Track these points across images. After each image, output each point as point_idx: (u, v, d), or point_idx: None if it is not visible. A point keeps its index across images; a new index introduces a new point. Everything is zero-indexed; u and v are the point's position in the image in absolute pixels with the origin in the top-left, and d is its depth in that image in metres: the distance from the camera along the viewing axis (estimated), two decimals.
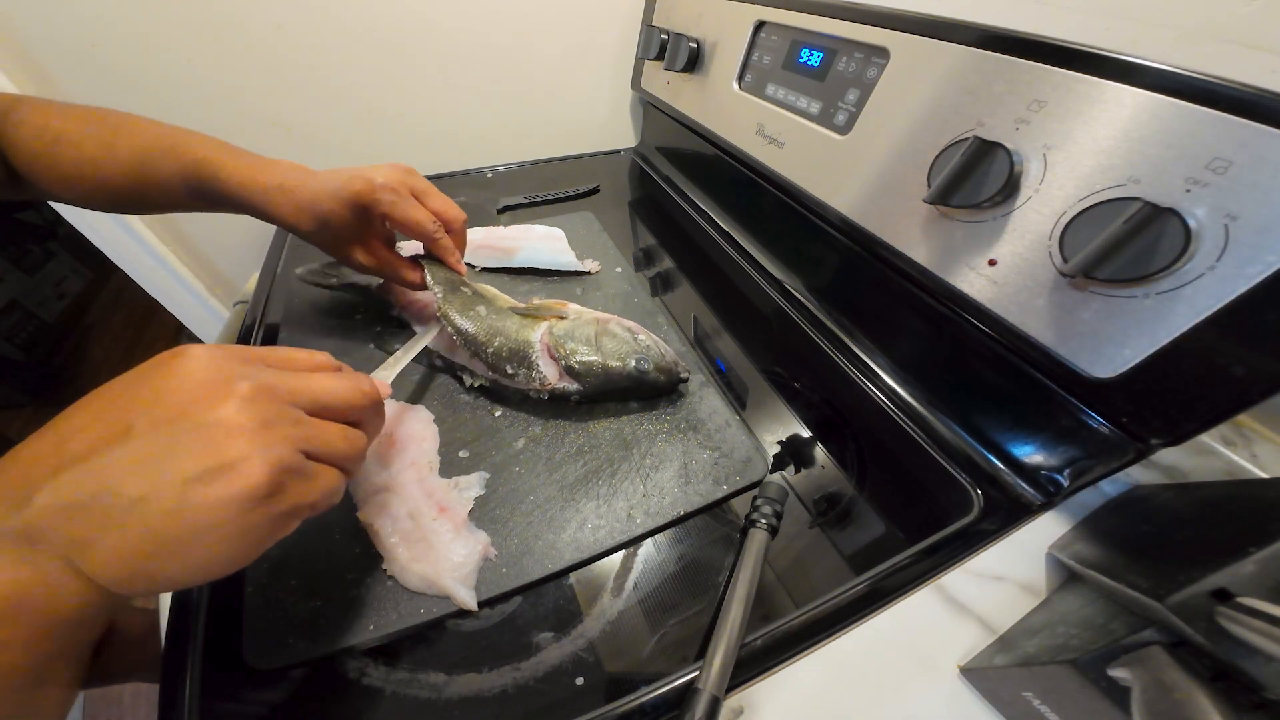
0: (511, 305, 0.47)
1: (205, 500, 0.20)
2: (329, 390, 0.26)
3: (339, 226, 0.43)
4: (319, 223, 0.43)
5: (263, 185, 0.42)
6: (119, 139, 0.42)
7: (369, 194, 0.42)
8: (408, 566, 0.33)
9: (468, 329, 0.43)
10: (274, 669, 0.30)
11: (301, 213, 0.42)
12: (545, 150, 0.91)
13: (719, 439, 0.41)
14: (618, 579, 0.35)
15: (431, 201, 0.45)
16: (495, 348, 0.43)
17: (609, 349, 0.42)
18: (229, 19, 0.66)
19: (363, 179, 0.42)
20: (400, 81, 0.78)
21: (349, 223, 0.43)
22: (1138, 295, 0.29)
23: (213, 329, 0.93)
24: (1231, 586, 0.23)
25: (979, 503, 0.37)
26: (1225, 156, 0.25)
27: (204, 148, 0.42)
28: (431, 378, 0.47)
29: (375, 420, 0.30)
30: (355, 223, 0.43)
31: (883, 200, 0.43)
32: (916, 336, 0.45)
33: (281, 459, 0.22)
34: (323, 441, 0.25)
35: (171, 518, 0.20)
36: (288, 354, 0.27)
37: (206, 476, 0.20)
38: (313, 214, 0.42)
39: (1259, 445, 0.38)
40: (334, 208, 0.42)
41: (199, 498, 0.20)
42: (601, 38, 0.85)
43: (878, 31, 0.42)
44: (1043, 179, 0.32)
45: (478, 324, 0.44)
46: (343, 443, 0.26)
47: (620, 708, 0.29)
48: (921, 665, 0.31)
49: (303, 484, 0.23)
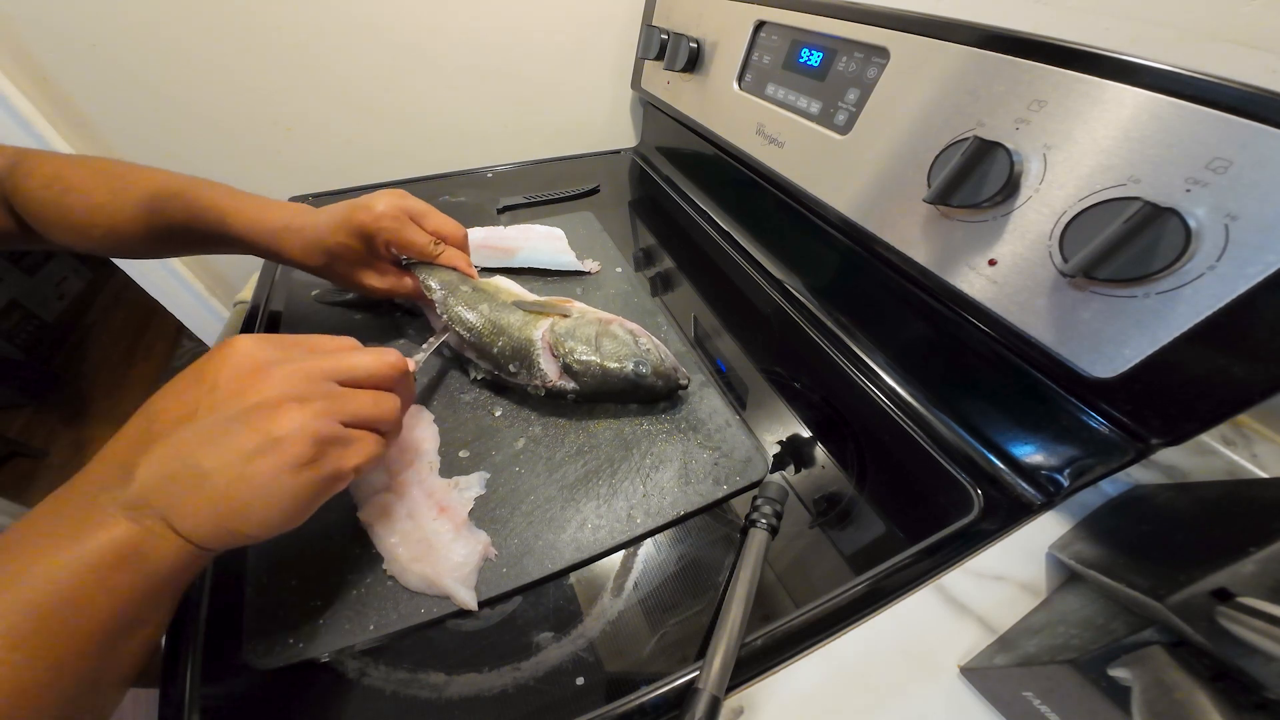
0: (517, 298, 0.47)
1: (261, 470, 0.24)
2: (357, 363, 0.30)
3: (348, 257, 0.46)
4: (329, 257, 0.45)
5: (270, 227, 0.44)
6: (127, 187, 0.43)
7: (372, 224, 0.44)
8: (408, 566, 0.33)
9: (472, 331, 0.44)
10: (274, 669, 0.30)
11: (310, 250, 0.45)
12: (545, 150, 0.91)
13: (719, 439, 0.41)
14: (618, 579, 0.35)
15: (429, 222, 0.47)
16: (499, 347, 0.43)
17: (608, 350, 0.42)
18: (229, 19, 0.66)
19: (364, 209, 0.44)
20: (401, 81, 0.78)
21: (357, 253, 0.46)
22: (1138, 295, 0.29)
23: (213, 329, 0.93)
24: (1232, 586, 0.23)
25: (979, 502, 0.37)
26: (1225, 156, 0.25)
27: (210, 193, 0.44)
28: (433, 377, 0.47)
29: (405, 387, 0.34)
30: (363, 252, 0.46)
31: (883, 200, 0.43)
32: (916, 336, 0.45)
33: (320, 430, 0.26)
34: (356, 408, 0.29)
35: (236, 485, 0.24)
36: (317, 339, 0.31)
37: (260, 450, 0.24)
38: (321, 250, 0.45)
39: (1259, 445, 0.38)
40: (342, 240, 0.44)
41: (256, 468, 0.24)
42: (601, 38, 0.85)
43: (878, 31, 0.42)
44: (1043, 179, 0.32)
45: (481, 324, 0.44)
46: (374, 407, 0.30)
47: (620, 708, 0.29)
48: (921, 665, 0.31)
49: (342, 449, 0.28)
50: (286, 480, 0.25)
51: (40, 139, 0.66)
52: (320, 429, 0.26)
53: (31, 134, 0.65)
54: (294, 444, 0.25)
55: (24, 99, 0.64)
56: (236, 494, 0.24)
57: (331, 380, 0.28)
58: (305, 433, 0.25)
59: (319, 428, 0.26)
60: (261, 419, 0.25)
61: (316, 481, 0.26)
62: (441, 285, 0.46)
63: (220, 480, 0.24)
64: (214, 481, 0.24)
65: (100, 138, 0.71)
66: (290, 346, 0.29)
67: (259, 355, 0.27)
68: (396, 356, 0.32)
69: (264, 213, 0.45)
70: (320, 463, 0.26)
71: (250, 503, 0.25)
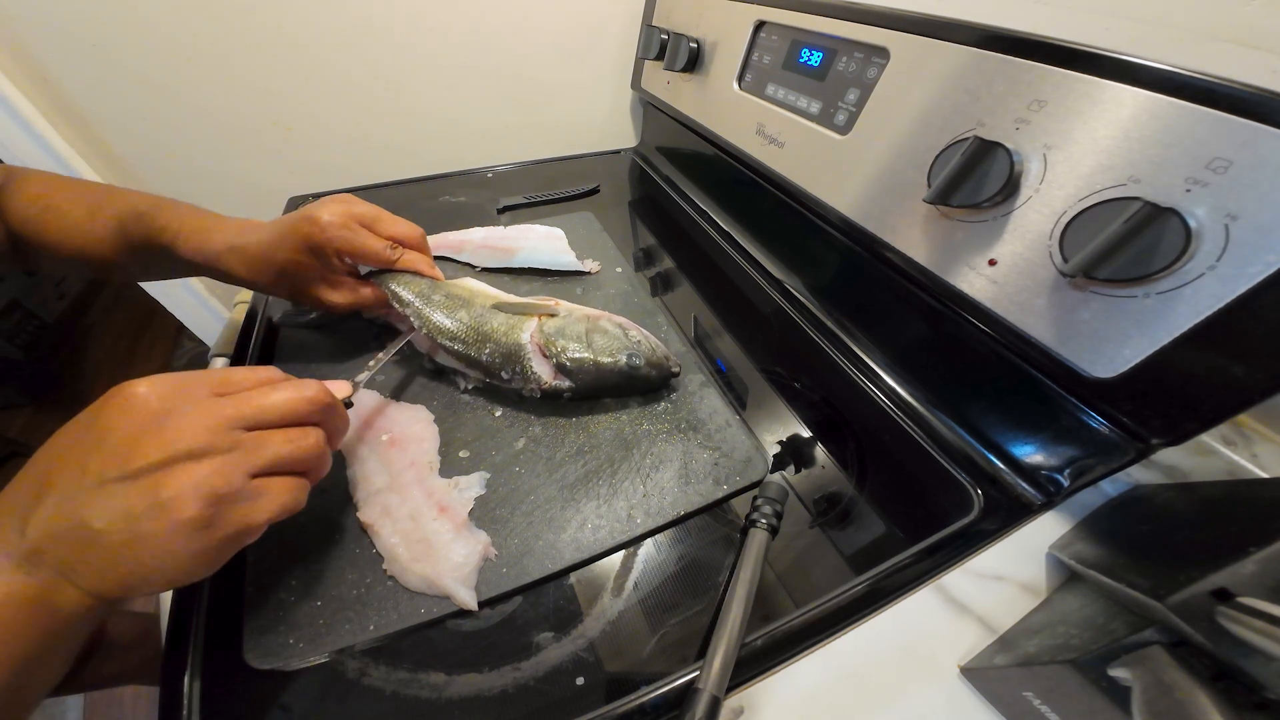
0: (496, 300, 0.45)
1: (151, 532, 0.23)
2: (267, 404, 0.27)
3: (299, 272, 0.43)
4: (278, 273, 0.43)
5: (214, 250, 0.42)
6: (103, 207, 0.43)
7: (318, 234, 0.41)
8: (408, 566, 0.33)
9: (455, 340, 0.43)
10: (274, 669, 0.30)
11: (258, 268, 0.42)
12: (545, 150, 0.91)
13: (719, 439, 0.41)
14: (618, 579, 0.35)
15: (382, 226, 0.45)
16: (488, 355, 0.42)
17: (600, 345, 0.42)
18: (229, 20, 0.66)
19: (307, 219, 0.41)
20: (401, 82, 0.78)
21: (307, 266, 0.43)
22: (1138, 295, 0.29)
23: (212, 329, 0.93)
24: (1232, 586, 0.23)
25: (979, 502, 0.37)
26: (1225, 156, 0.25)
27: (169, 213, 0.43)
28: (432, 378, 0.47)
29: (334, 421, 0.31)
30: (314, 264, 0.43)
31: (883, 200, 0.43)
32: (916, 336, 0.45)
33: (214, 490, 0.24)
34: (269, 456, 0.26)
35: (128, 547, 0.23)
36: (227, 375, 0.28)
37: (149, 513, 0.23)
38: (269, 266, 0.42)
39: (1259, 445, 0.38)
40: (289, 255, 0.42)
41: (145, 530, 0.23)
42: (601, 38, 0.85)
43: (878, 31, 0.42)
44: (1043, 179, 0.32)
45: (464, 332, 0.43)
46: (290, 448, 0.27)
47: (620, 708, 0.29)
48: (921, 665, 0.31)
49: (249, 504, 0.26)
50: (180, 542, 0.24)
51: (40, 139, 0.66)
52: (216, 487, 0.24)
53: (31, 134, 0.66)
54: (184, 507, 0.23)
55: (24, 99, 0.64)
56: (131, 555, 0.23)
57: (238, 427, 0.26)
58: (199, 494, 0.24)
59: (214, 486, 0.24)
60: (149, 480, 0.23)
61: (217, 542, 0.25)
62: (412, 295, 0.44)
63: (113, 540, 0.23)
64: (106, 541, 0.23)
65: (100, 138, 0.71)
66: (194, 388, 0.26)
67: (153, 405, 0.25)
68: (316, 388, 0.30)
69: (212, 233, 0.42)
70: (219, 523, 0.24)
71: (146, 563, 0.23)
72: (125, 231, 0.42)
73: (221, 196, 0.79)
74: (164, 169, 0.76)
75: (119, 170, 0.74)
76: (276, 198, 0.74)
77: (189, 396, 0.26)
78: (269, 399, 0.27)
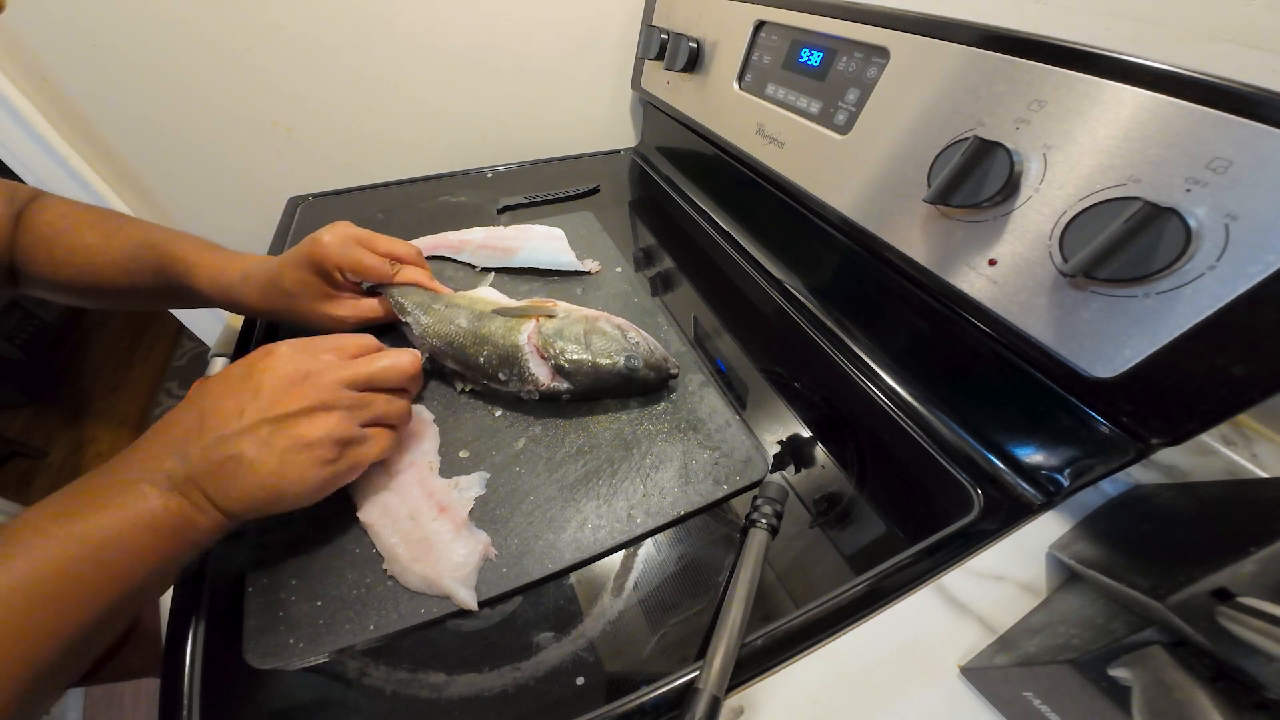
0: (497, 306, 0.46)
1: (295, 464, 0.31)
2: (374, 371, 0.35)
3: (307, 293, 0.46)
4: (288, 297, 0.45)
5: (228, 281, 0.45)
6: (119, 233, 0.45)
7: (321, 252, 0.44)
8: (408, 566, 0.33)
9: (452, 344, 0.43)
10: (274, 669, 0.30)
11: (268, 294, 0.45)
12: (545, 150, 0.91)
13: (719, 439, 0.41)
14: (618, 579, 0.35)
15: (379, 245, 0.48)
16: (485, 357, 0.42)
17: (599, 347, 0.42)
18: (229, 19, 0.66)
19: (314, 242, 0.45)
20: (401, 81, 0.78)
21: (315, 286, 0.46)
22: (1138, 295, 0.29)
23: (212, 329, 0.93)
24: (1232, 586, 0.23)
25: (979, 502, 0.37)
26: (1225, 156, 0.25)
27: (182, 245, 0.45)
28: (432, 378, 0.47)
29: (414, 385, 0.41)
30: (321, 285, 0.46)
31: (883, 200, 0.43)
32: (916, 336, 0.45)
33: (342, 434, 0.32)
34: (372, 412, 0.35)
35: (275, 474, 0.30)
36: (342, 341, 0.37)
37: (294, 449, 0.31)
38: (280, 291, 0.45)
39: (1259, 445, 0.38)
40: (296, 276, 0.45)
41: (291, 462, 0.31)
42: (601, 38, 0.85)
43: (878, 31, 0.42)
44: (1043, 179, 0.32)
45: (461, 336, 0.43)
46: (388, 408, 0.36)
47: (620, 708, 0.29)
48: (921, 665, 0.31)
49: (360, 446, 0.34)
50: (313, 472, 0.31)
51: (40, 139, 0.66)
52: (342, 433, 0.32)
53: (32, 134, 0.66)
54: (321, 447, 0.31)
55: (24, 100, 0.64)
56: (273, 480, 0.30)
57: (354, 387, 0.34)
58: (330, 437, 0.32)
59: (341, 432, 0.32)
60: (296, 425, 0.31)
61: (339, 473, 0.33)
62: (413, 304, 0.46)
63: (263, 470, 0.30)
64: (258, 469, 0.30)
65: (100, 138, 0.71)
66: (321, 351, 0.35)
67: (296, 365, 0.33)
68: (410, 359, 0.38)
69: (227, 265, 0.45)
70: (342, 459, 0.33)
71: (284, 488, 0.31)
72: (138, 259, 0.45)
73: (222, 196, 0.79)
74: (164, 169, 0.76)
75: (119, 170, 0.74)
76: (276, 197, 0.74)
77: (318, 360, 0.34)
78: (376, 367, 0.36)
